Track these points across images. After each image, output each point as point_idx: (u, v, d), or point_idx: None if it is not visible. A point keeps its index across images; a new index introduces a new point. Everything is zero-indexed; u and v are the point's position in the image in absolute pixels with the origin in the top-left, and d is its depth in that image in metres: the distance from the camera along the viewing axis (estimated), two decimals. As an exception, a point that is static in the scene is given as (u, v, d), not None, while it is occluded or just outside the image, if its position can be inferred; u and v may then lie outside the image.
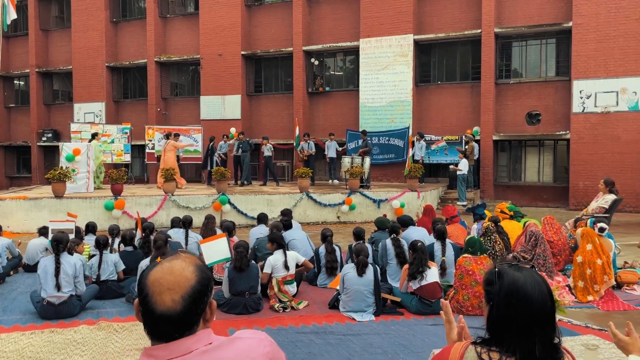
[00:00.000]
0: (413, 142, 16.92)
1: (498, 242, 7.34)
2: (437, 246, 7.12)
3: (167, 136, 16.02)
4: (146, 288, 1.39)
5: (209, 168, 16.61)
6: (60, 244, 6.13)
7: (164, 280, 1.38)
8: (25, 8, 24.16)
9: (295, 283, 6.60)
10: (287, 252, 6.61)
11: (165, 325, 1.37)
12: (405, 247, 7.22)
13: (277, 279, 6.35)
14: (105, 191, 13.87)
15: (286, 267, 6.43)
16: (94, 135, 16.15)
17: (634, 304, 6.37)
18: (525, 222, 8.55)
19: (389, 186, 16.17)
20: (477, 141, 16.83)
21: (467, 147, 16.17)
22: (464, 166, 14.92)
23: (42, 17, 24.34)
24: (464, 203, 14.80)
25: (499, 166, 17.79)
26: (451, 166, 15.81)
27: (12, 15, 10.92)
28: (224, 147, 17.26)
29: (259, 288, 6.41)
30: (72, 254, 6.30)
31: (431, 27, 18.02)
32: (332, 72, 20.42)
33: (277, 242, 6.64)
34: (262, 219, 8.81)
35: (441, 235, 7.13)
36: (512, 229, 8.47)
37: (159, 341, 1.40)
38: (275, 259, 6.45)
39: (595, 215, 9.46)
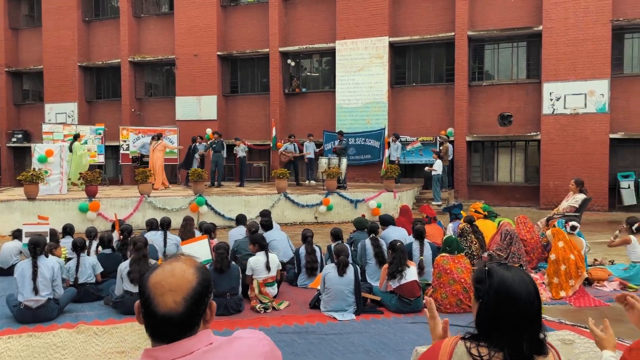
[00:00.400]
0: (389, 143, 17.08)
1: (474, 242, 7.49)
2: (416, 245, 7.23)
3: (159, 137, 15.93)
4: (148, 290, 1.41)
5: (189, 169, 16.47)
6: (38, 247, 6.03)
7: (166, 282, 1.41)
8: (-7, 6, 23.58)
9: (276, 285, 6.62)
10: (269, 254, 6.62)
11: (167, 327, 1.39)
12: (384, 246, 7.30)
13: (257, 281, 6.36)
14: (79, 193, 13.63)
15: (267, 268, 6.45)
16: (76, 137, 15.91)
17: (604, 299, 6.58)
18: (499, 222, 8.74)
19: (365, 187, 16.29)
20: (451, 142, 17.09)
21: (441, 147, 16.40)
22: (438, 167, 15.14)
23: (11, 15, 23.78)
24: (439, 203, 15.01)
25: (472, 166, 18.09)
26: (427, 167, 16.02)
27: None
28: (200, 148, 17.11)
29: (240, 289, 6.41)
30: (48, 257, 6.20)
31: (406, 29, 18.22)
32: (308, 74, 20.46)
33: (259, 243, 6.64)
34: (240, 220, 8.78)
35: (420, 235, 7.25)
36: (486, 228, 8.66)
37: (160, 342, 1.42)
38: (256, 261, 6.45)
39: (565, 214, 9.72)
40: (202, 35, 20.24)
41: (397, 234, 7.88)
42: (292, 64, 19.95)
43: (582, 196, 10.16)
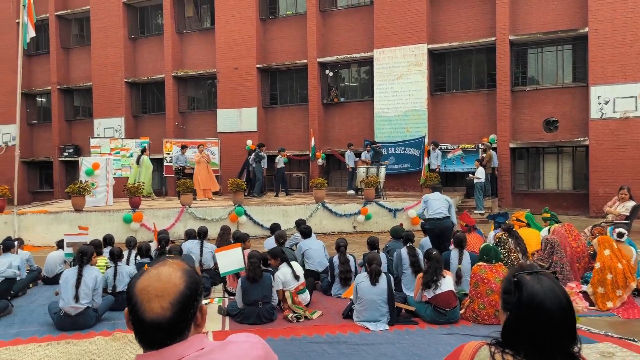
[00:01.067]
0: (429, 151, 16.82)
1: (513, 251, 7.21)
2: (455, 254, 7.06)
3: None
4: (134, 296, 1.38)
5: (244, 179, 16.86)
6: (85, 256, 6.24)
7: (152, 288, 1.38)
8: (46, 27, 24.76)
9: (307, 291, 6.57)
10: (292, 262, 6.59)
11: (156, 333, 1.37)
12: (421, 256, 7.16)
13: (290, 292, 6.32)
14: (123, 204, 14.02)
15: (296, 277, 6.42)
16: (143, 150, 16.55)
17: (655, 311, 6.19)
18: (549, 228, 8.40)
19: (405, 195, 16.06)
20: (494, 149, 16.67)
21: (484, 155, 16.01)
22: (481, 174, 14.77)
23: (62, 35, 24.90)
24: (482, 211, 14.63)
25: (516, 174, 17.57)
26: (469, 175, 15.68)
27: (31, 33, 11.20)
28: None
29: (275, 298, 6.38)
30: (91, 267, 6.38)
31: (445, 36, 17.97)
32: (346, 83, 20.46)
33: (279, 256, 6.63)
34: (275, 229, 8.81)
35: (459, 243, 7.07)
36: (529, 236, 8.34)
37: (150, 349, 1.39)
38: (283, 273, 6.43)
39: (615, 222, 9.28)
40: (242, 49, 20.59)
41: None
42: (330, 74, 20.00)
43: (632, 203, 9.70)
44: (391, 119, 18.35)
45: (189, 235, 8.84)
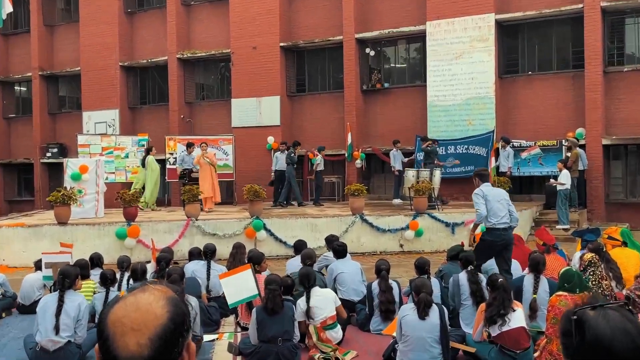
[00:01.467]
0: (497, 149, 16.61)
1: (605, 278, 7.05)
2: (529, 280, 6.97)
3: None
4: (107, 329, 1.40)
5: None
6: (67, 279, 6.37)
7: (128, 319, 1.39)
8: (26, 1, 25.49)
9: (338, 326, 6.56)
10: (316, 290, 6.59)
11: None
12: (484, 283, 7.07)
13: (314, 326, 6.33)
14: (116, 215, 14.29)
15: (308, 317, 6.44)
16: (149, 150, 17.01)
17: None
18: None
19: (466, 206, 15.87)
20: (582, 146, 16.35)
21: (569, 154, 15.73)
22: (565, 179, 14.49)
23: (45, 10, 25.58)
24: (566, 226, 14.37)
25: (611, 178, 17.22)
26: (551, 180, 15.42)
27: (8, 8, 11.60)
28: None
29: (297, 333, 6.40)
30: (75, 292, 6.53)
31: (518, 3, 17.77)
32: (392, 65, 20.47)
33: (302, 282, 6.65)
34: (300, 247, 8.85)
35: (536, 267, 6.97)
36: (626, 258, 8.16)
37: None
38: (302, 302, 6.49)
39: None
40: (262, 23, 20.75)
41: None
42: (372, 53, 19.99)
43: None
44: (449, 109, 18.23)
45: (193, 254, 8.96)
